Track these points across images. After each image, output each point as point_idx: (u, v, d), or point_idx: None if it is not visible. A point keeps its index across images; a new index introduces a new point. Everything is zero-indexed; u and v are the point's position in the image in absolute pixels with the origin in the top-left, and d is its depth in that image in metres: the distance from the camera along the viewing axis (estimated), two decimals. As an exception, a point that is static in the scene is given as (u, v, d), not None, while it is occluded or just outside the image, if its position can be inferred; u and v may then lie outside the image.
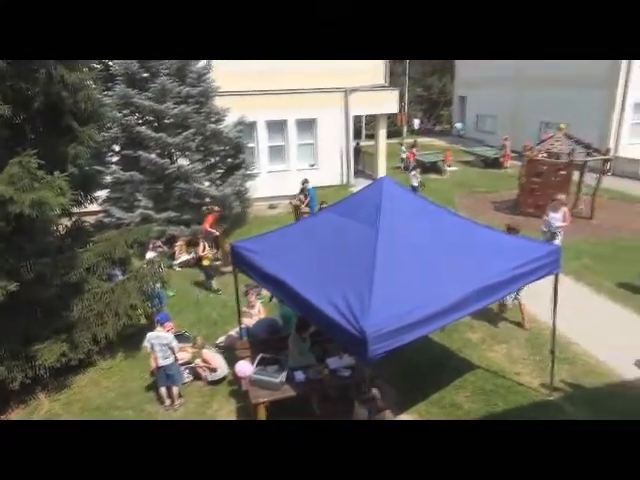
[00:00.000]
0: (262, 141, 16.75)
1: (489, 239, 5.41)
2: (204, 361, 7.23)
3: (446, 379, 6.96)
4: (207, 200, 12.03)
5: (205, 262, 10.27)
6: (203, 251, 10.25)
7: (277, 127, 16.93)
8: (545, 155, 14.15)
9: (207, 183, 12.82)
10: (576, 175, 14.32)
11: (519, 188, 14.92)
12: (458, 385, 6.88)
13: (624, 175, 18.47)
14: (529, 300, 8.33)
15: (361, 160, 21.03)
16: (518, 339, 8.01)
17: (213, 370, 7.20)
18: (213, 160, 13.38)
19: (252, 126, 16.19)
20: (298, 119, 16.94)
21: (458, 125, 28.49)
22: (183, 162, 12.58)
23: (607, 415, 5.98)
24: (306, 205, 12.93)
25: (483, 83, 27.17)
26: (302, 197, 13.33)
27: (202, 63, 12.80)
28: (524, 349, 7.72)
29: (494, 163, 21.53)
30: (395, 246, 4.96)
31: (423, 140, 29.08)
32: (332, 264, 5.29)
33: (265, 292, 8.90)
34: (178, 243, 11.75)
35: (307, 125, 17.25)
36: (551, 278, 5.92)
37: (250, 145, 16.12)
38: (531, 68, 23.04)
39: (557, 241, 9.99)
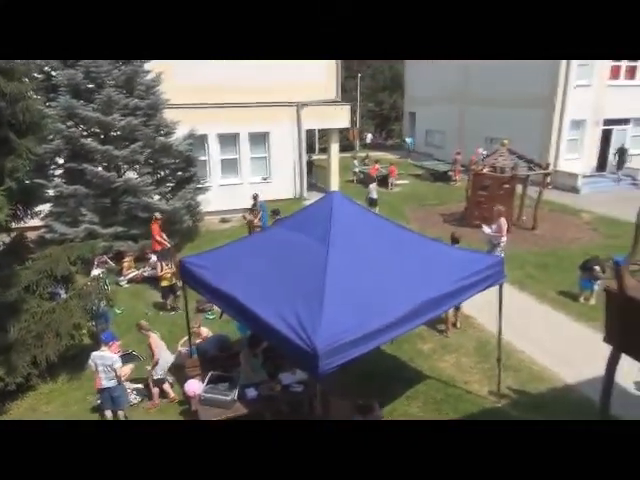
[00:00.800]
0: (214, 154, 16.57)
1: (437, 252, 5.55)
2: (149, 346, 6.95)
3: (398, 390, 7.03)
4: (156, 214, 11.74)
5: (164, 282, 9.69)
6: (162, 271, 9.69)
7: (229, 140, 16.81)
8: (490, 169, 14.72)
9: (157, 197, 12.52)
10: (519, 188, 14.99)
11: (466, 201, 15.43)
12: (410, 396, 6.97)
13: (563, 188, 19.48)
14: (476, 311, 8.58)
15: (314, 174, 21.18)
16: (467, 348, 8.21)
17: (155, 363, 6.91)
18: (163, 173, 13.11)
19: (203, 139, 16.00)
20: (251, 132, 16.89)
21: (408, 140, 29.23)
22: (131, 175, 12.25)
23: (551, 419, 6.19)
24: (258, 219, 12.83)
25: (431, 100, 28.07)
26: (254, 212, 13.20)
27: (151, 75, 12.57)
28: (473, 358, 7.92)
29: (443, 177, 22.19)
30: (345, 260, 5.00)
31: (375, 154, 29.62)
32: (283, 279, 5.26)
33: (216, 308, 8.75)
34: (126, 259, 11.38)
35: (260, 138, 17.23)
36: (497, 288, 6.11)
37: (201, 158, 15.91)
38: (476, 88, 24.07)
39: (497, 251, 10.40)
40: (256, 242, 6.59)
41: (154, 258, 11.31)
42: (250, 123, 16.62)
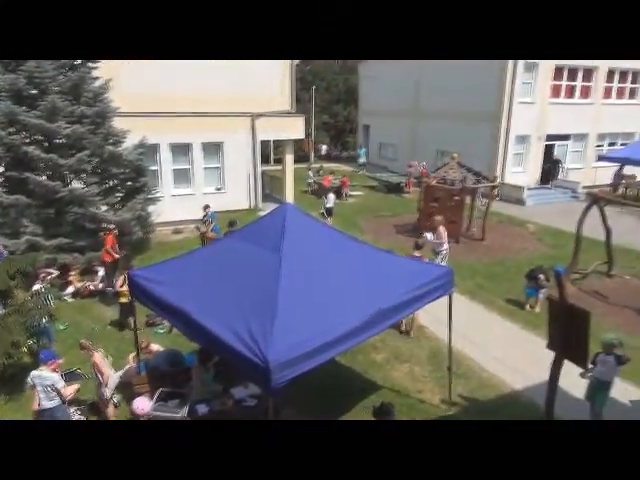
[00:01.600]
0: (166, 164, 16.21)
1: (389, 263, 5.62)
2: (94, 366, 6.61)
3: (352, 401, 7.02)
4: (104, 225, 11.32)
5: (123, 299, 8.93)
6: (121, 286, 9.00)
7: (182, 150, 16.51)
8: (441, 181, 15.14)
9: (104, 207, 12.09)
10: (469, 200, 15.49)
11: (418, 212, 15.79)
12: (365, 406, 6.97)
13: (509, 200, 20.28)
14: (429, 320, 8.73)
15: (269, 184, 21.11)
16: (420, 357, 8.33)
17: (105, 383, 6.57)
18: (111, 183, 12.68)
19: (155, 149, 15.64)
20: (204, 142, 16.66)
21: (360, 153, 29.27)
22: (77, 185, 11.78)
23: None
24: (210, 229, 12.63)
25: (384, 114, 28.67)
26: (206, 223, 12.98)
27: (99, 82, 12.19)
28: (425, 367, 8.04)
29: (396, 188, 22.63)
30: (298, 273, 4.97)
31: (330, 165, 29.86)
32: (235, 292, 5.18)
33: (167, 322, 8.50)
34: (71, 272, 10.89)
35: (213, 148, 17.02)
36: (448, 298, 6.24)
37: (153, 168, 15.52)
38: (427, 102, 24.81)
39: (439, 259, 10.73)
40: (208, 254, 6.46)
41: (102, 271, 10.91)
42: (203, 133, 16.41)
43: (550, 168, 22.05)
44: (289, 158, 18.71)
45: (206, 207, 13.17)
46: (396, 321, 6.08)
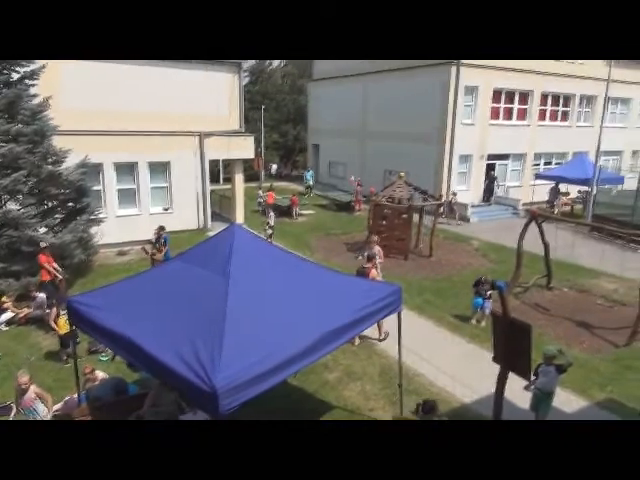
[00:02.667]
0: (110, 184, 15.69)
1: (337, 283, 5.64)
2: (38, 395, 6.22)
3: (305, 423, 6.93)
4: (42, 243, 10.73)
5: (62, 330, 8.44)
6: (57, 317, 8.57)
7: (127, 169, 16.05)
8: (389, 200, 15.47)
9: (43, 229, 11.53)
10: (416, 217, 15.89)
11: (368, 230, 16.03)
12: (317, 428, 6.90)
13: (455, 217, 20.95)
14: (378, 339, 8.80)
15: (219, 204, 20.86)
16: (371, 375, 8.36)
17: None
18: (50, 204, 12.13)
19: (98, 168, 15.14)
20: (150, 162, 16.29)
21: (307, 175, 28.53)
22: (13, 207, 11.19)
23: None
24: (163, 254, 12.18)
25: (333, 133, 29.13)
26: (159, 246, 12.55)
27: (37, 100, 11.72)
28: (377, 385, 8.08)
29: (346, 207, 22.92)
30: (246, 295, 4.90)
31: (280, 184, 29.96)
32: (181, 316, 5.03)
33: (109, 350, 8.13)
34: (4, 299, 10.25)
35: (161, 168, 16.66)
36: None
37: (96, 188, 15.01)
38: (374, 122, 25.43)
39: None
40: (153, 277, 6.26)
41: (41, 296, 10.32)
42: (150, 152, 16.06)
43: (488, 186, 23.11)
44: (239, 177, 18.61)
45: (161, 229, 12.62)
46: (347, 340, 6.09)
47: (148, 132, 15.78)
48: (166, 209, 16.87)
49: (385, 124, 24.49)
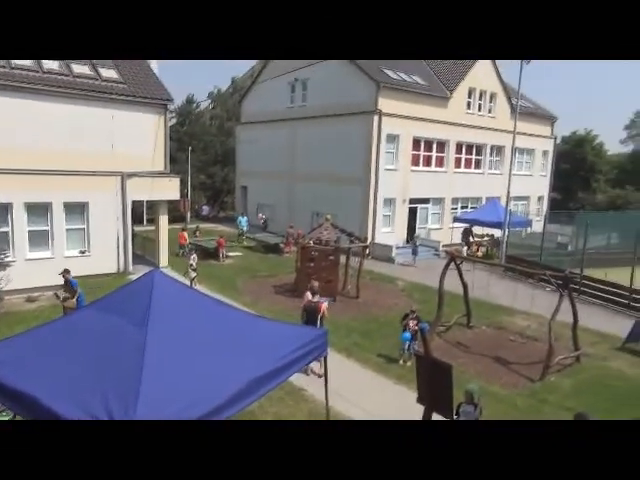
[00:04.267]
0: (20, 225, 14.63)
1: (262, 329, 5.52)
2: None
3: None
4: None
5: None
6: None
7: (40, 210, 15.07)
8: (317, 242, 15.65)
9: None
10: (343, 259, 16.15)
11: (296, 272, 16.04)
12: None
13: (380, 258, 21.57)
14: (306, 382, 8.66)
15: (142, 246, 20.06)
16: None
17: None
18: (-51, 247, 11.08)
19: (7, 208, 14.12)
20: (66, 202, 15.43)
21: (241, 221, 27.66)
22: None
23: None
24: (75, 299, 11.33)
25: (261, 175, 29.34)
26: (71, 291, 11.66)
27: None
28: (305, 432, 7.87)
29: (275, 248, 22.88)
30: (165, 345, 4.65)
31: (208, 226, 29.51)
32: (93, 370, 4.67)
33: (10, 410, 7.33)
34: None
35: (78, 209, 15.81)
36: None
37: (3, 230, 13.95)
38: (302, 165, 25.98)
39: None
40: (64, 326, 5.79)
41: None
42: (66, 192, 15.23)
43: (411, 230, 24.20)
44: (163, 219, 18.06)
45: (65, 272, 11.54)
46: (273, 387, 5.93)
47: (64, 172, 15.03)
48: (83, 252, 15.94)
49: (313, 167, 25.08)
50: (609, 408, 8.59)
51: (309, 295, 10.72)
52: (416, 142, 24.07)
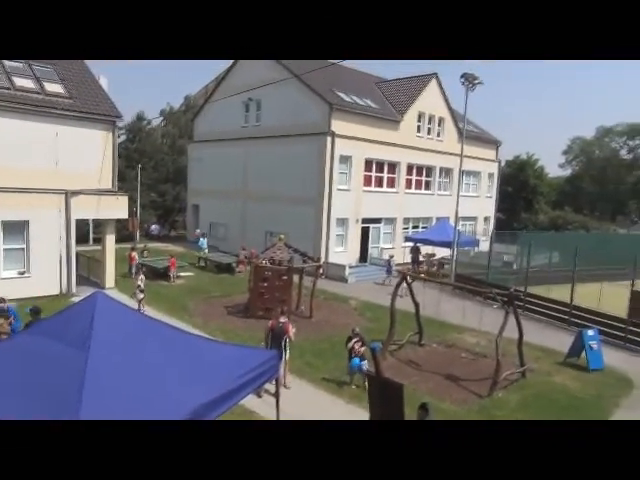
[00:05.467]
0: (-48, 245, 13.77)
1: (211, 351, 5.37)
2: None
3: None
4: None
5: None
6: None
7: (-25, 229, 14.26)
8: (270, 261, 15.53)
9: None
10: (297, 279, 16.09)
11: (249, 292, 15.81)
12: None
13: (334, 278, 21.63)
14: (257, 404, 8.49)
15: (86, 267, 19.24)
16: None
17: None
18: None
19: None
20: (5, 220, 14.64)
21: (202, 242, 26.80)
22: None
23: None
24: (9, 324, 10.55)
25: (214, 194, 28.99)
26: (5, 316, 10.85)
27: None
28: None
29: (227, 268, 22.52)
30: (108, 371, 4.43)
31: (158, 245, 28.74)
32: (30, 397, 4.38)
33: None
34: None
35: (17, 227, 15.04)
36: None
37: None
38: (255, 185, 25.88)
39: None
40: (-4, 353, 5.43)
41: None
42: (4, 210, 14.47)
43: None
44: (110, 238, 17.44)
45: (1, 301, 10.40)
46: (223, 412, 5.76)
47: (3, 188, 14.29)
48: (22, 273, 15.11)
49: (266, 187, 25.05)
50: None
51: (279, 316, 10.54)
52: (368, 163, 24.55)
